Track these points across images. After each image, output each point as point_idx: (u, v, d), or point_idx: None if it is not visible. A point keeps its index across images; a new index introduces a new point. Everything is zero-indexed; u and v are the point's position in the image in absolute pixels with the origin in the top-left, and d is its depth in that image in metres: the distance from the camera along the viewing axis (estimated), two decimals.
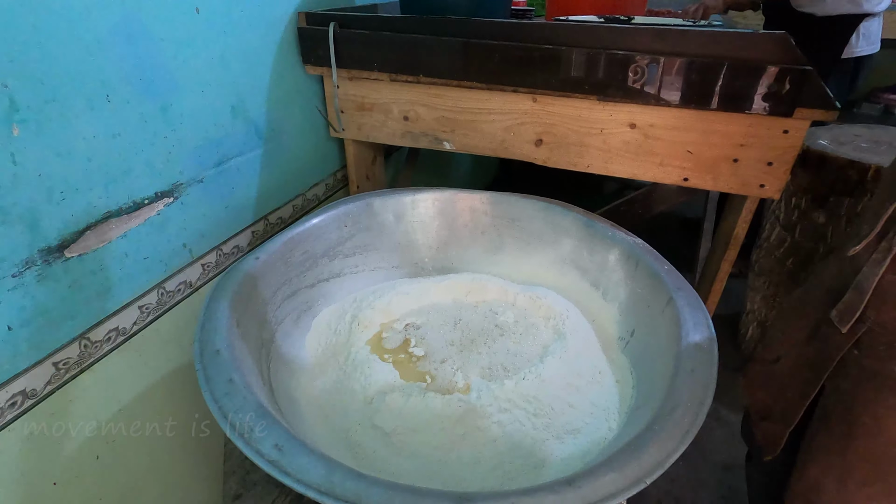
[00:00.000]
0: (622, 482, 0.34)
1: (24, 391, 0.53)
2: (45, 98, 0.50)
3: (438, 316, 0.68)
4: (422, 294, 0.72)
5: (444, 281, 0.73)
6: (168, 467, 0.72)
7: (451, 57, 0.76)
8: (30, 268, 0.51)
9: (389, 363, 0.61)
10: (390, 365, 0.60)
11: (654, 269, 0.59)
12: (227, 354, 0.44)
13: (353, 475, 0.34)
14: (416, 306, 0.71)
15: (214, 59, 0.69)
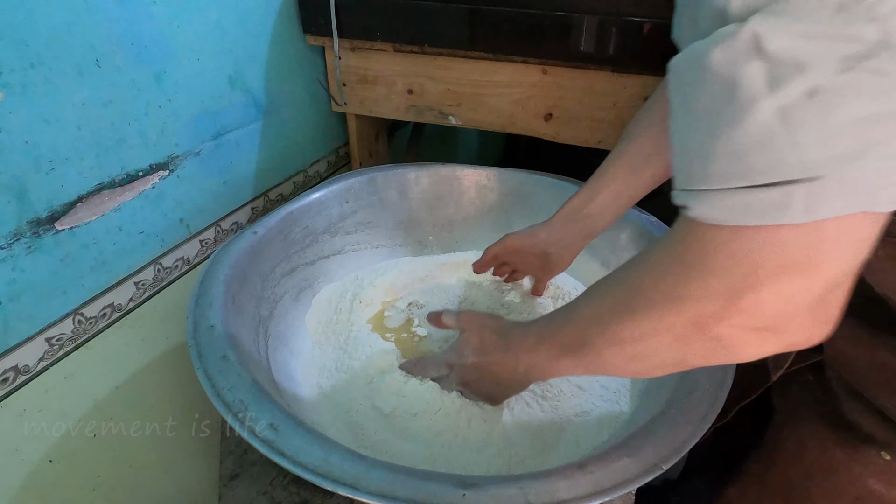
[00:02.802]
0: (637, 467, 0.32)
1: (17, 367, 0.52)
2: (29, 61, 0.47)
3: (443, 295, 0.66)
4: (426, 272, 0.70)
5: (449, 259, 0.71)
6: (166, 444, 0.72)
7: (458, 25, 0.72)
8: (18, 240, 0.49)
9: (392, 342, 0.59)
10: (392, 344, 0.58)
11: None
12: (222, 330, 0.42)
13: (352, 457, 0.33)
14: (419, 285, 0.69)
15: (211, 25, 0.66)
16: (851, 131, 0.18)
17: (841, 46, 0.17)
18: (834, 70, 0.18)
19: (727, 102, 0.20)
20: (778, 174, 0.19)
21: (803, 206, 0.19)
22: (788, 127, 0.19)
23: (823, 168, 0.19)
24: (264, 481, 0.44)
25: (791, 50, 0.18)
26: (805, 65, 0.18)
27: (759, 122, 0.19)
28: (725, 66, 0.19)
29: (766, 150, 0.19)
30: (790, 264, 0.20)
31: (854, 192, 0.19)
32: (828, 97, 0.18)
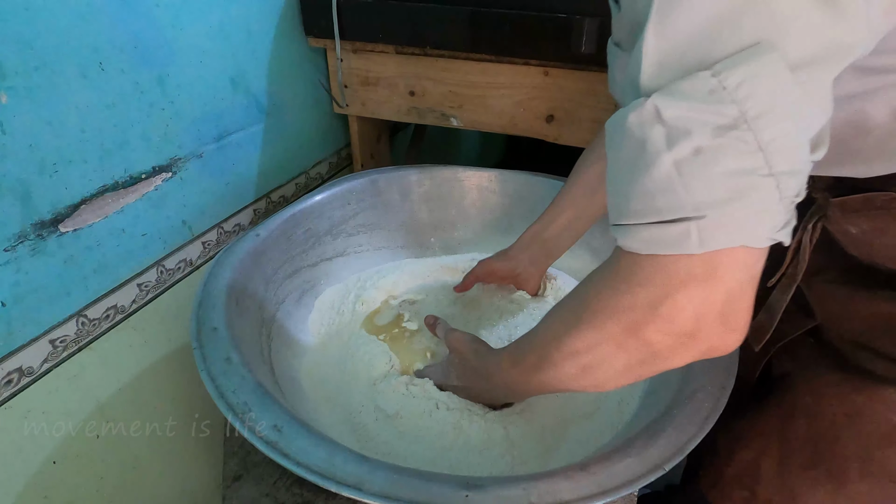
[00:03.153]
0: (639, 468, 0.32)
1: (21, 368, 0.52)
2: (34, 64, 0.48)
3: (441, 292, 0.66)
4: (427, 273, 0.70)
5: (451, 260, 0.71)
6: (169, 445, 0.72)
7: (459, 27, 0.72)
8: (22, 242, 0.50)
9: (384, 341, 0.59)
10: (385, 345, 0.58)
11: None
12: (226, 332, 0.42)
13: (355, 458, 0.33)
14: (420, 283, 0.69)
15: (213, 27, 0.66)
16: (726, 182, 0.24)
17: (713, 119, 0.23)
18: (710, 135, 0.23)
19: (639, 156, 0.25)
20: (676, 213, 0.25)
21: (697, 240, 0.25)
22: (682, 177, 0.24)
23: (708, 209, 0.24)
24: (268, 482, 0.44)
25: (681, 119, 0.24)
26: (690, 131, 0.24)
27: (661, 172, 0.25)
28: (638, 128, 0.25)
29: (668, 194, 0.25)
30: (694, 281, 0.26)
31: (732, 229, 0.25)
32: (707, 155, 0.24)
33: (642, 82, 0.25)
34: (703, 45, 0.23)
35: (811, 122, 0.24)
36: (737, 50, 0.23)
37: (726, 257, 0.25)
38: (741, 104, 0.23)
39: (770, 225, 0.25)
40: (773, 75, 0.22)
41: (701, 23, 0.23)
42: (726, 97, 0.23)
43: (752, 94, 0.22)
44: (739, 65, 0.22)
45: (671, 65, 0.24)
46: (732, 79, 0.23)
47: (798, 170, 0.24)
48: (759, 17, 0.22)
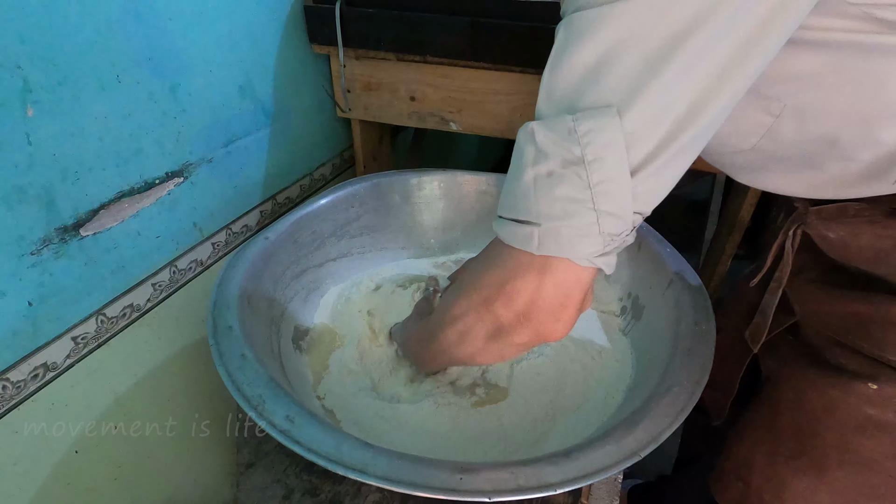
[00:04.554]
0: (617, 455, 0.36)
1: (46, 364, 0.55)
2: (57, 79, 0.51)
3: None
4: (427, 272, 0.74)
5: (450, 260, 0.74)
6: (182, 436, 0.76)
7: (459, 36, 0.75)
8: (47, 246, 0.53)
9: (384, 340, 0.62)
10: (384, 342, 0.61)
11: (657, 250, 0.60)
12: (239, 331, 0.46)
13: (360, 445, 0.36)
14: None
15: (222, 37, 0.69)
16: (561, 203, 0.29)
17: (564, 153, 0.29)
18: (560, 165, 0.29)
19: (517, 163, 0.31)
20: (526, 216, 0.31)
21: (537, 243, 0.31)
22: (535, 190, 0.30)
23: (544, 220, 0.30)
24: (278, 469, 0.48)
25: (545, 145, 0.29)
26: (548, 156, 0.29)
27: (524, 181, 0.31)
28: (522, 142, 0.31)
29: (524, 200, 0.31)
30: (530, 273, 0.32)
31: (559, 242, 0.30)
32: (554, 179, 0.29)
33: (538, 105, 0.31)
34: (572, 94, 0.29)
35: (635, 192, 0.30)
36: (595, 105, 0.28)
37: (556, 263, 0.31)
38: (584, 148, 0.28)
39: (589, 250, 0.30)
40: (611, 133, 0.27)
41: (573, 77, 0.29)
42: (576, 139, 0.28)
43: (592, 142, 0.28)
44: (591, 118, 0.28)
45: (553, 100, 0.30)
46: (583, 127, 0.28)
47: (619, 214, 0.30)
48: (608, 87, 0.27)
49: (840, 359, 0.46)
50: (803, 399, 0.48)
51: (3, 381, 0.52)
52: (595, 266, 0.32)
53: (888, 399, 0.42)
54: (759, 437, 0.52)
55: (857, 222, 0.42)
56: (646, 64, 0.26)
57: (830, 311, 0.46)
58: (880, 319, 0.42)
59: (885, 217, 0.40)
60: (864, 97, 0.34)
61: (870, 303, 0.42)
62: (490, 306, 0.35)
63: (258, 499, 0.45)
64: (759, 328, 0.53)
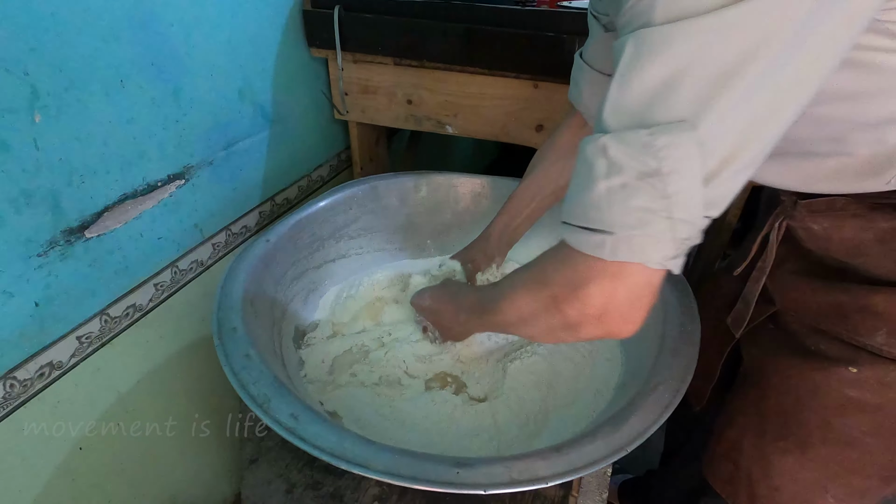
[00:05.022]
0: (605, 450, 0.38)
1: (52, 363, 0.57)
2: (63, 85, 0.52)
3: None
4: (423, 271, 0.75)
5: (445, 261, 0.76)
6: (185, 433, 0.77)
7: (455, 43, 0.77)
8: (53, 248, 0.54)
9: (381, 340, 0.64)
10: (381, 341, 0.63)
11: None
12: (243, 331, 0.47)
13: (362, 441, 0.38)
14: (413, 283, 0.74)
15: (222, 42, 0.70)
16: (636, 213, 0.31)
17: (639, 166, 0.30)
18: (635, 177, 0.30)
19: (588, 176, 0.32)
20: (598, 225, 0.32)
21: (609, 250, 0.32)
22: (609, 201, 0.31)
23: (618, 229, 0.32)
24: (281, 465, 0.50)
25: (619, 159, 0.31)
26: (623, 169, 0.30)
27: (597, 193, 0.32)
28: (591, 155, 0.32)
29: (596, 210, 0.32)
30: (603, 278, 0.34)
31: (633, 248, 0.32)
32: (629, 190, 0.31)
33: (602, 118, 0.32)
34: (643, 109, 0.30)
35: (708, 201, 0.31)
36: (667, 119, 0.29)
37: (628, 268, 0.33)
38: (660, 161, 0.29)
39: (662, 254, 0.32)
40: (686, 147, 0.29)
41: (644, 92, 0.30)
42: (652, 153, 0.29)
43: (669, 156, 0.29)
44: (666, 133, 0.29)
45: (622, 113, 0.31)
46: (659, 141, 0.29)
47: (691, 221, 0.31)
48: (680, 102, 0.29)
49: (820, 345, 0.49)
50: (788, 384, 0.51)
51: (11, 380, 0.53)
52: (666, 268, 0.33)
53: (866, 381, 0.45)
54: (747, 421, 0.55)
55: (843, 215, 0.45)
56: (717, 80, 0.28)
57: (811, 300, 0.49)
58: (858, 307, 0.44)
59: (869, 211, 0.43)
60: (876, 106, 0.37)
61: (848, 292, 0.45)
62: (559, 305, 0.37)
63: (262, 493, 0.47)
64: (741, 315, 0.56)
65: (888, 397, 0.45)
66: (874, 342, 0.44)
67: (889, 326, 0.43)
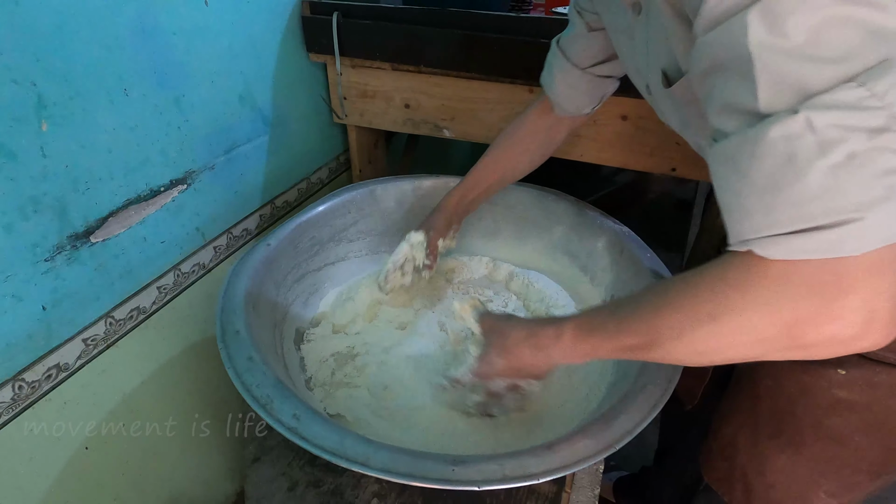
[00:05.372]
0: (595, 447, 0.39)
1: (59, 365, 0.58)
2: (69, 94, 0.53)
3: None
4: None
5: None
6: (187, 433, 0.78)
7: (452, 49, 0.78)
8: (60, 252, 0.56)
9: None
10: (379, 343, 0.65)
11: (637, 256, 0.63)
12: (246, 334, 0.49)
13: (362, 440, 0.40)
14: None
15: (223, 49, 0.71)
16: (882, 181, 0.25)
17: (866, 124, 0.24)
18: (864, 140, 0.25)
19: (786, 168, 0.26)
20: (834, 216, 0.26)
21: (857, 241, 0.26)
22: (838, 181, 0.25)
23: (866, 210, 0.25)
24: (283, 463, 0.51)
25: (834, 127, 0.25)
26: (845, 138, 0.25)
27: (815, 180, 0.25)
28: (783, 142, 0.26)
29: (823, 199, 0.26)
30: (864, 279, 0.26)
31: (891, 226, 0.25)
32: (863, 158, 0.25)
33: (760, 98, 0.26)
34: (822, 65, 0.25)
35: None
36: (871, 64, 0.25)
37: (888, 253, 0.26)
38: (891, 108, 0.24)
39: None
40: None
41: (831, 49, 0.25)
42: (875, 103, 0.24)
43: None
44: (883, 76, 0.24)
45: (792, 83, 0.26)
46: (879, 87, 0.24)
47: None
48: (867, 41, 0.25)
49: None
50: (780, 385, 0.53)
51: (20, 382, 0.54)
52: None
53: (855, 382, 0.47)
54: (742, 420, 0.57)
55: None
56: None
57: None
58: None
59: None
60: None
61: None
62: (797, 335, 0.29)
63: (265, 491, 0.49)
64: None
65: (875, 397, 0.46)
66: None
67: None
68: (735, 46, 0.27)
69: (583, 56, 0.59)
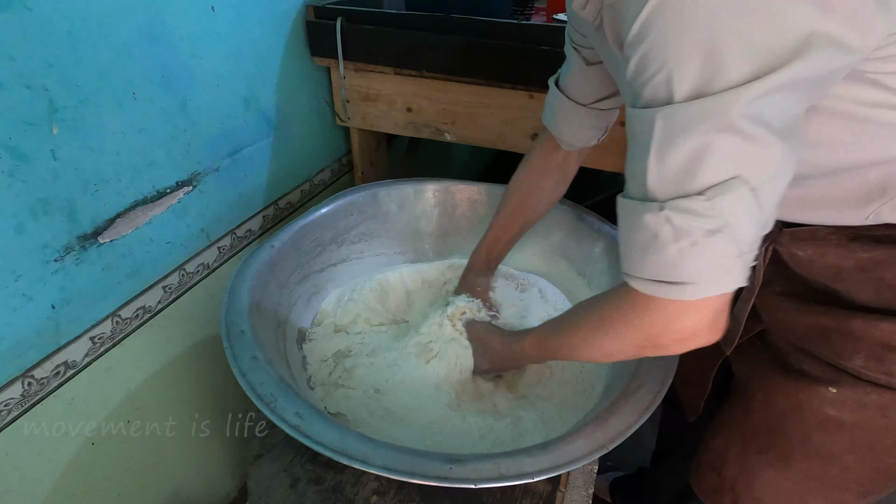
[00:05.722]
0: (588, 447, 0.41)
1: (66, 362, 0.60)
2: (79, 99, 0.55)
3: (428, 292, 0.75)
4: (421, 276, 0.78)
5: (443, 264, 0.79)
6: (190, 429, 0.80)
7: (453, 54, 0.79)
8: (69, 253, 0.57)
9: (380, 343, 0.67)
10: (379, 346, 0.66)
11: None
12: (250, 334, 0.50)
13: (362, 439, 0.41)
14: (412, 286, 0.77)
15: (228, 54, 0.73)
16: (713, 263, 0.35)
17: (706, 226, 0.34)
18: (703, 236, 0.34)
19: (652, 242, 0.37)
20: (678, 278, 0.37)
21: (690, 293, 0.37)
22: (683, 259, 0.35)
23: (698, 279, 0.36)
24: (285, 460, 0.52)
25: (684, 224, 0.35)
26: (690, 232, 0.35)
27: (668, 256, 0.36)
28: (653, 225, 0.36)
29: (672, 269, 0.36)
30: (692, 312, 0.38)
31: (714, 286, 0.36)
32: (701, 247, 0.35)
33: (648, 188, 0.36)
34: (684, 176, 0.35)
35: (764, 224, 0.36)
36: (715, 182, 0.34)
37: (710, 299, 0.37)
38: (726, 218, 0.34)
39: (736, 281, 0.37)
40: (744, 199, 0.33)
41: (682, 162, 0.34)
42: (714, 213, 0.34)
43: (733, 212, 0.34)
44: (725, 193, 0.33)
45: (667, 183, 0.35)
46: (718, 202, 0.33)
47: (755, 250, 0.36)
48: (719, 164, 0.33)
49: (803, 364, 0.51)
50: (772, 400, 0.53)
51: (29, 378, 0.56)
52: (738, 284, 0.37)
53: (846, 401, 0.47)
54: (733, 434, 0.58)
55: (825, 244, 0.47)
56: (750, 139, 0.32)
57: (796, 321, 0.52)
58: (839, 330, 0.47)
59: (849, 241, 0.45)
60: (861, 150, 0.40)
61: (830, 315, 0.47)
62: (654, 341, 0.41)
63: (267, 487, 0.50)
64: (731, 333, 0.58)
65: (865, 417, 0.47)
66: (853, 364, 0.46)
67: (867, 350, 0.45)
68: (643, 135, 0.36)
69: (584, 92, 0.60)
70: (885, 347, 0.44)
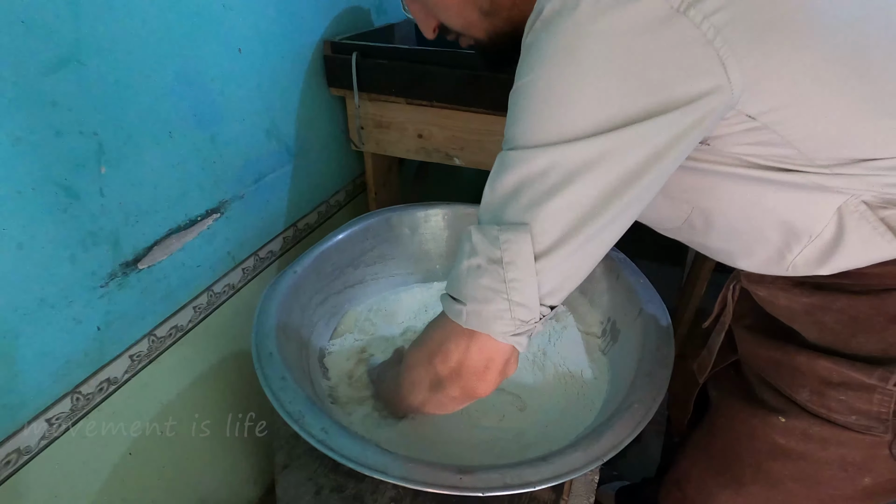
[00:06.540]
0: (584, 459, 0.45)
1: (108, 379, 0.65)
2: (123, 139, 0.60)
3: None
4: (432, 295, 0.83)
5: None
6: (220, 440, 0.85)
7: (461, 86, 0.85)
8: (113, 279, 0.63)
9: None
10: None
11: (631, 282, 0.69)
12: (278, 356, 0.55)
13: (381, 452, 0.46)
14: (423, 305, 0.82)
15: (252, 90, 0.78)
16: (483, 290, 0.38)
17: (490, 254, 0.37)
18: (486, 261, 0.38)
19: (459, 255, 0.40)
20: (459, 296, 0.40)
21: (464, 318, 0.40)
22: (466, 277, 0.39)
23: (470, 302, 0.39)
24: (309, 470, 0.57)
25: (478, 245, 0.38)
26: (478, 253, 0.38)
27: (461, 269, 0.40)
28: (464, 239, 0.40)
29: (459, 283, 0.40)
30: (459, 339, 0.41)
31: (479, 320, 0.39)
32: (481, 271, 0.38)
33: (479, 212, 0.40)
34: (499, 208, 0.38)
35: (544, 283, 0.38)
36: (513, 220, 0.37)
37: (479, 335, 0.40)
38: (503, 252, 0.37)
39: (503, 330, 0.39)
40: (522, 245, 0.36)
41: (501, 196, 0.38)
42: (498, 245, 0.37)
43: (510, 249, 0.37)
44: (510, 231, 0.37)
45: (489, 210, 0.39)
46: (504, 237, 0.37)
47: (527, 306, 0.38)
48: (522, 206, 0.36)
49: (764, 394, 0.54)
50: (732, 425, 0.57)
51: (77, 394, 0.61)
52: (510, 343, 0.40)
53: (793, 430, 0.50)
54: (697, 455, 0.62)
55: (774, 287, 0.50)
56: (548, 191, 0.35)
57: (757, 353, 0.55)
58: (789, 365, 0.49)
59: (792, 286, 0.48)
60: (746, 208, 0.43)
61: (783, 351, 0.50)
62: (432, 360, 0.44)
63: (293, 495, 0.55)
64: (704, 362, 0.63)
65: (809, 448, 0.49)
66: (801, 397, 0.49)
67: (811, 385, 0.48)
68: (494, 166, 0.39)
69: None
70: (824, 383, 0.46)
